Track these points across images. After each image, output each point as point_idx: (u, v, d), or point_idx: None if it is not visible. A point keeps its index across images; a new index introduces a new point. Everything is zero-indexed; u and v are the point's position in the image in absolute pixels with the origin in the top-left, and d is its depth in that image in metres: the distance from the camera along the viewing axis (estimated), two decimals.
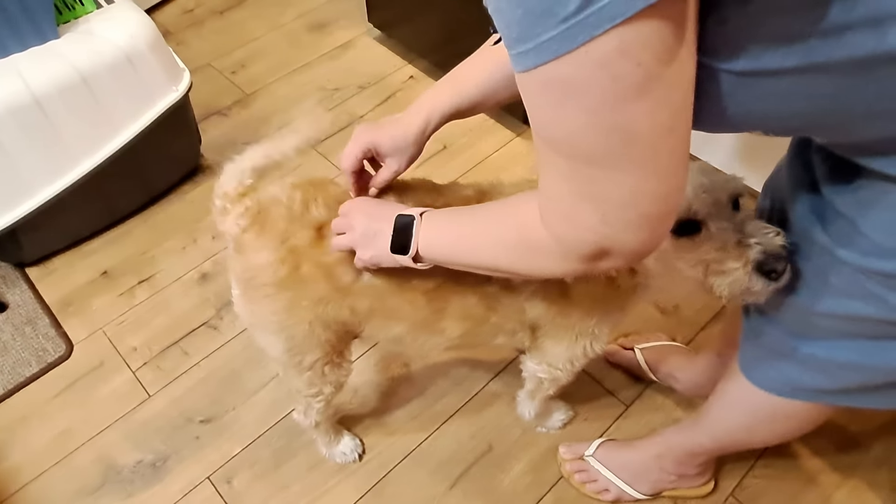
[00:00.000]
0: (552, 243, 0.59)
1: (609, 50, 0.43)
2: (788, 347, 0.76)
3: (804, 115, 0.53)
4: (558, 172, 0.54)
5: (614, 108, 0.46)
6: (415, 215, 0.76)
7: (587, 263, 0.58)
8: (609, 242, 0.55)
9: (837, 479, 1.25)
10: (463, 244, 0.73)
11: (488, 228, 0.70)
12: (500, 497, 1.25)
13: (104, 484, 1.30)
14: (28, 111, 1.39)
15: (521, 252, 0.65)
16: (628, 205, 0.52)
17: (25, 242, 1.59)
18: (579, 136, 0.49)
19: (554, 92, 0.48)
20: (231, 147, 1.85)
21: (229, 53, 2.13)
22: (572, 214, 0.55)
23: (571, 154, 0.51)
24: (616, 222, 0.54)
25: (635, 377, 1.38)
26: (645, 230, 0.54)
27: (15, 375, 1.46)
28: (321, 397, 1.11)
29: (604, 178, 0.51)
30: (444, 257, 0.76)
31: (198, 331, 1.51)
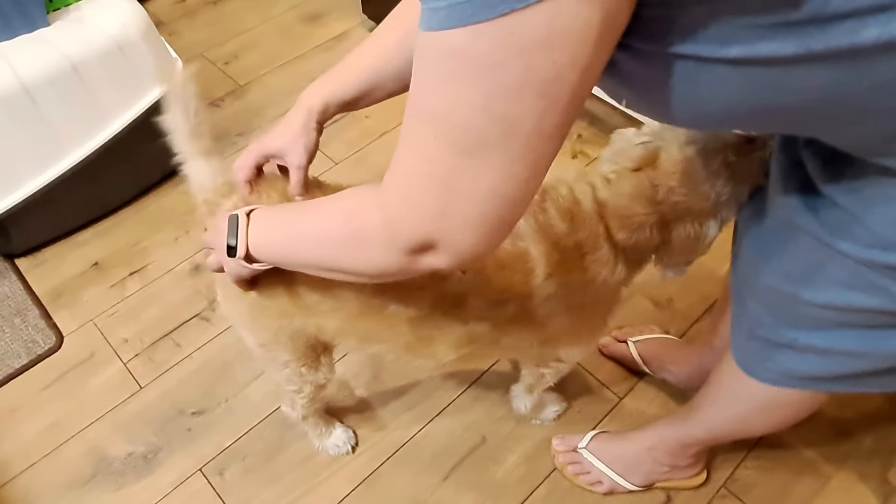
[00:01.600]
0: (378, 229, 0.56)
1: (532, 35, 0.41)
2: (787, 338, 0.76)
3: (794, 108, 0.50)
4: (420, 150, 0.50)
5: (512, 98, 0.44)
6: (240, 214, 0.72)
7: (409, 256, 0.55)
8: (440, 237, 0.53)
9: (829, 470, 1.26)
10: (289, 239, 0.69)
11: (315, 221, 0.66)
12: (493, 489, 1.25)
13: (95, 476, 1.29)
14: (17, 100, 1.37)
15: (344, 243, 0.61)
16: (477, 202, 0.50)
17: (14, 233, 1.57)
18: (462, 116, 0.46)
19: (454, 63, 0.44)
20: (224, 138, 1.86)
21: (222, 44, 2.11)
22: (415, 197, 0.52)
23: (444, 134, 0.48)
24: (457, 218, 0.51)
25: (629, 369, 1.38)
26: (481, 234, 0.52)
27: (4, 367, 1.45)
28: (302, 394, 1.10)
29: (466, 167, 0.48)
30: (274, 256, 0.71)
31: (190, 322, 1.50)
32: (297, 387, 1.06)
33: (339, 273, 0.64)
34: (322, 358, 1.02)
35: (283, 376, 1.04)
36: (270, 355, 0.99)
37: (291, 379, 1.04)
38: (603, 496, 1.22)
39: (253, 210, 0.73)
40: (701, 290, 1.48)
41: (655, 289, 1.48)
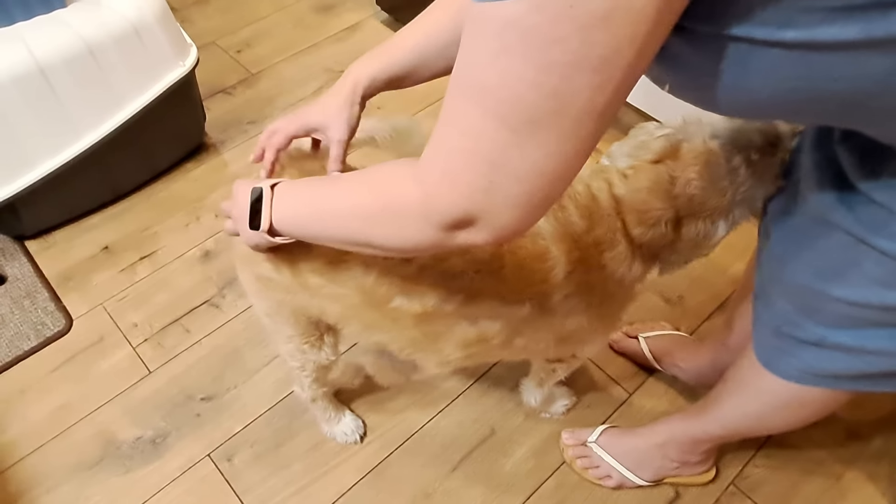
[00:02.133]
0: (415, 203, 0.55)
1: (594, 10, 0.40)
2: (815, 336, 0.75)
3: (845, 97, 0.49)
4: (465, 125, 0.49)
5: (566, 74, 0.43)
6: (265, 187, 0.71)
7: (446, 231, 0.54)
8: (480, 213, 0.52)
9: (838, 470, 1.26)
10: (317, 214, 0.68)
11: (346, 194, 0.65)
12: (501, 481, 1.25)
13: (103, 459, 1.29)
14: (32, 81, 1.37)
15: (377, 217, 0.60)
16: (522, 179, 0.49)
17: (25, 215, 1.57)
18: (513, 91, 0.45)
19: (509, 36, 0.43)
20: (235, 126, 1.86)
21: (235, 32, 2.11)
22: (458, 173, 0.51)
23: (493, 108, 0.47)
24: (500, 194, 0.50)
25: (639, 365, 1.38)
26: (523, 211, 0.51)
27: (13, 349, 1.45)
28: (306, 372, 1.11)
29: (513, 144, 0.47)
30: (299, 230, 0.71)
31: (199, 309, 1.50)
32: (300, 363, 1.06)
33: (368, 247, 0.64)
34: (325, 338, 1.02)
35: (286, 350, 1.05)
36: (275, 327, 1.00)
37: (294, 354, 1.04)
38: (612, 490, 1.22)
39: (277, 183, 0.72)
40: (712, 288, 1.48)
41: (666, 286, 1.48)
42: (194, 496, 1.25)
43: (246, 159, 1.80)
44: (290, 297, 0.90)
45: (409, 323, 0.85)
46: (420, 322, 0.85)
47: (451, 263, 0.80)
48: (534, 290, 0.83)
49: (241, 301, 1.50)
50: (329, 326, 1.00)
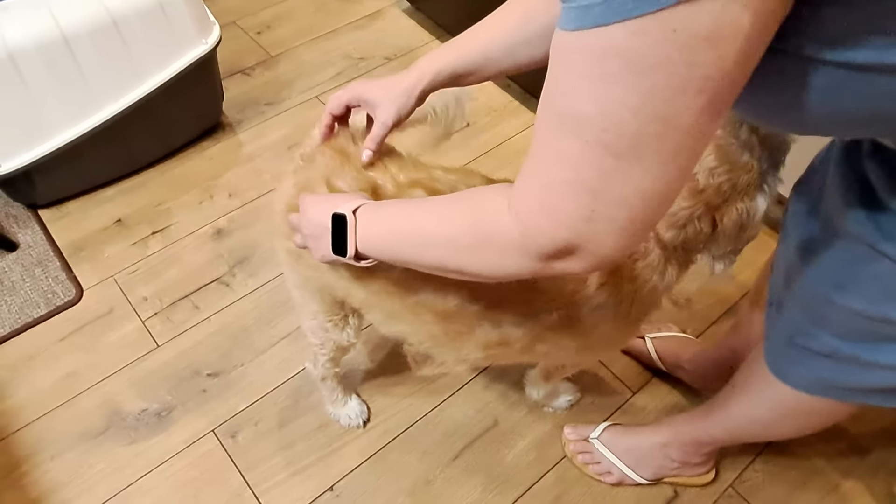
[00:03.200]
0: (513, 235, 0.54)
1: (698, 31, 0.39)
2: (829, 347, 0.75)
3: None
4: (561, 155, 0.48)
5: (670, 98, 0.42)
6: (347, 213, 0.70)
7: (544, 262, 0.54)
8: (582, 242, 0.51)
9: (835, 480, 1.27)
10: (406, 241, 0.67)
11: (437, 221, 0.64)
12: (502, 472, 1.26)
13: (108, 429, 1.30)
14: (55, 49, 1.38)
15: (473, 246, 0.59)
16: (625, 205, 0.48)
17: (40, 184, 1.58)
18: (615, 119, 0.44)
19: (609, 63, 0.42)
20: (252, 107, 1.87)
21: (255, 13, 2.11)
22: (556, 205, 0.50)
23: (592, 137, 0.46)
24: (603, 222, 0.49)
25: (644, 365, 1.38)
26: (626, 236, 0.50)
27: (22, 315, 1.45)
28: (325, 351, 1.12)
29: (615, 171, 0.46)
30: (386, 255, 0.70)
31: (210, 286, 1.51)
32: (321, 341, 1.07)
33: (458, 274, 0.64)
34: (349, 319, 1.03)
35: (309, 326, 1.05)
36: (303, 300, 1.01)
37: (316, 332, 1.05)
38: (611, 487, 1.23)
39: (360, 207, 0.71)
40: (719, 293, 1.49)
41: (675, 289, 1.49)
42: (197, 470, 1.26)
43: (261, 140, 1.83)
44: (317, 275, 0.91)
45: (431, 319, 0.85)
46: (441, 319, 0.85)
47: None
48: (564, 301, 0.83)
49: (251, 280, 1.51)
50: (354, 309, 1.01)
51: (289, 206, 0.87)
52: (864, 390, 0.78)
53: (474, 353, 0.91)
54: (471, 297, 0.82)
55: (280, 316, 1.45)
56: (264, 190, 1.67)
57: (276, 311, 1.46)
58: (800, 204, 0.81)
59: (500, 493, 1.24)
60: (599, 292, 0.83)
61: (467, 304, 0.82)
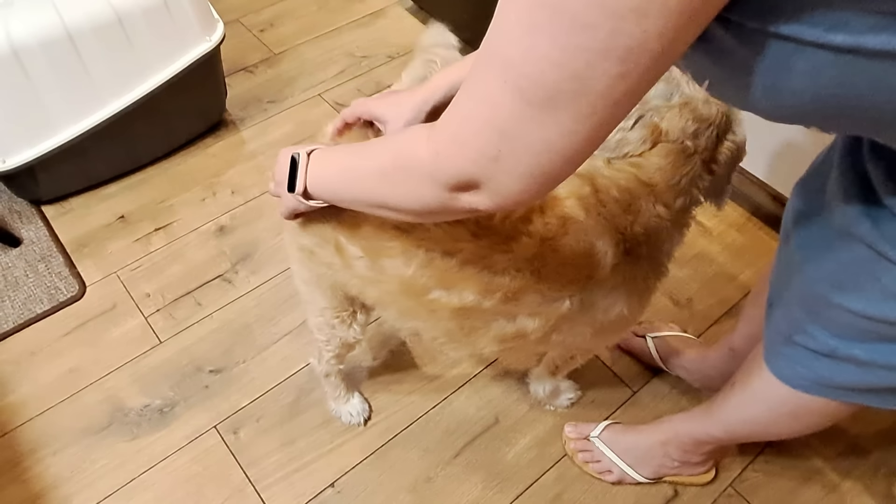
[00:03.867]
0: (425, 163, 0.57)
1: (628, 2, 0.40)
2: (827, 347, 0.76)
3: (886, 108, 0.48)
4: (484, 93, 0.50)
5: (591, 60, 0.44)
6: (301, 153, 0.74)
7: (451, 192, 0.56)
8: (485, 179, 0.53)
9: (835, 480, 1.27)
10: (344, 176, 0.71)
11: (370, 156, 0.68)
12: (502, 469, 1.27)
13: (111, 424, 1.31)
14: (60, 46, 1.38)
15: (391, 177, 0.63)
16: (531, 153, 0.50)
17: (43, 180, 1.58)
18: (536, 68, 0.46)
19: (542, 14, 0.44)
20: (255, 104, 1.87)
21: (258, 11, 2.12)
22: (469, 138, 0.52)
23: (513, 81, 0.48)
24: (507, 164, 0.51)
25: (644, 364, 1.39)
26: (527, 184, 0.52)
27: (25, 311, 1.46)
28: (330, 347, 1.12)
29: (528, 118, 0.48)
30: (329, 193, 0.74)
31: (212, 283, 1.51)
32: (327, 338, 1.07)
33: (385, 209, 0.66)
34: (357, 315, 1.03)
35: (316, 323, 1.06)
36: (310, 296, 1.01)
37: (323, 328, 1.05)
38: (611, 485, 1.24)
39: (314, 150, 0.75)
40: (720, 293, 1.49)
41: (676, 288, 1.50)
42: (199, 465, 1.26)
43: (264, 137, 1.83)
44: (330, 272, 0.91)
45: (446, 315, 0.86)
46: (457, 316, 0.86)
47: (492, 260, 0.80)
48: (577, 287, 0.84)
49: (253, 277, 1.52)
50: (363, 305, 1.01)
51: None
52: (863, 390, 0.78)
53: (490, 347, 0.91)
54: (485, 293, 0.82)
55: (282, 313, 1.46)
56: (267, 187, 1.67)
57: (279, 308, 1.47)
58: (801, 203, 0.82)
59: (500, 491, 1.24)
60: (613, 275, 0.84)
61: (481, 299, 0.83)
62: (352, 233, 0.83)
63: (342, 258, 0.86)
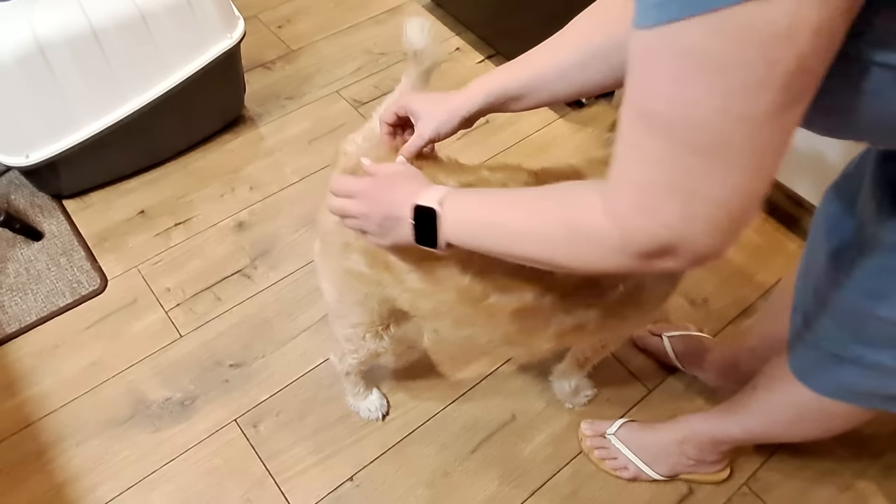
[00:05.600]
0: (611, 234, 0.54)
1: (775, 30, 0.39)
2: (853, 353, 0.76)
3: None
4: (650, 156, 0.49)
5: (753, 96, 0.42)
6: (435, 207, 0.69)
7: (642, 261, 0.54)
8: (680, 241, 0.51)
9: (847, 481, 1.28)
10: (496, 233, 0.67)
11: (529, 218, 0.64)
12: (519, 465, 1.28)
13: (133, 416, 1.33)
14: (84, 42, 1.39)
15: (567, 244, 0.59)
16: (721, 203, 0.48)
17: (65, 175, 1.60)
18: (700, 119, 0.44)
19: (688, 62, 0.42)
20: (273, 101, 1.88)
21: (276, 8, 2.13)
22: (652, 205, 0.50)
23: (679, 138, 0.46)
24: (699, 221, 0.49)
25: (661, 363, 1.40)
26: (724, 234, 0.50)
27: (48, 304, 1.48)
28: (356, 356, 1.13)
29: (707, 170, 0.46)
30: (476, 245, 0.70)
31: (231, 278, 1.53)
32: (356, 347, 1.08)
33: (550, 266, 0.64)
34: (391, 328, 1.03)
35: (344, 335, 1.06)
36: (343, 313, 1.01)
37: (352, 339, 1.06)
38: (626, 482, 1.25)
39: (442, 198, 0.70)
40: (737, 293, 1.50)
41: (692, 288, 1.50)
42: (220, 458, 1.28)
43: (282, 134, 1.84)
44: (379, 289, 0.90)
45: (506, 318, 0.85)
46: (517, 317, 0.85)
47: None
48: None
49: (272, 273, 1.53)
50: (398, 318, 1.01)
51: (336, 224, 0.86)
52: (887, 397, 0.79)
53: (547, 344, 0.91)
54: (543, 290, 0.81)
55: (301, 309, 1.47)
56: (285, 184, 1.69)
57: (297, 303, 1.48)
58: (833, 208, 0.82)
59: (517, 487, 1.26)
60: None
61: (541, 297, 0.82)
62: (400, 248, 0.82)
63: (392, 274, 0.86)
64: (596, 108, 1.88)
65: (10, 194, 1.66)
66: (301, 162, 1.74)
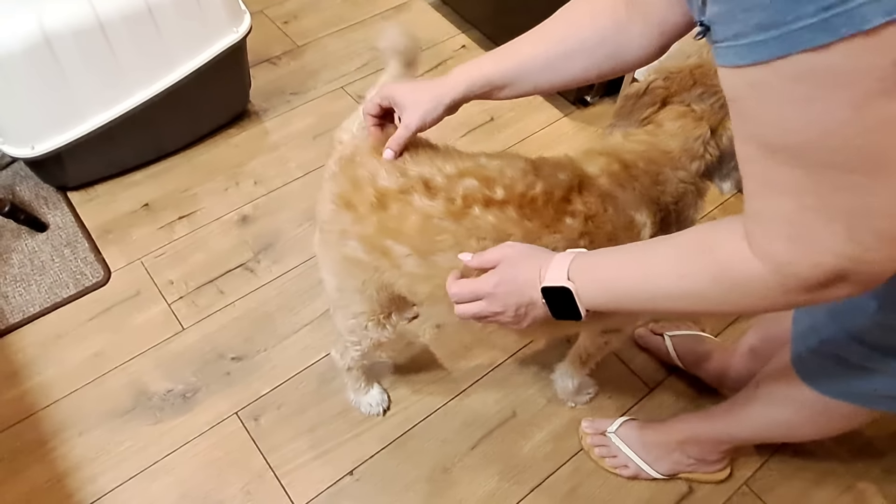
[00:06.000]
0: (767, 275, 0.51)
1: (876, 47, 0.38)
2: (859, 356, 0.76)
3: None
4: (788, 187, 0.47)
5: (883, 100, 0.40)
6: (567, 286, 0.67)
7: (811, 294, 0.51)
8: (851, 264, 0.47)
9: (848, 481, 1.28)
10: (643, 295, 0.64)
11: (671, 277, 0.61)
12: (519, 461, 1.28)
13: (134, 408, 1.33)
14: (91, 35, 1.40)
15: (721, 293, 0.57)
16: (886, 215, 0.45)
17: (70, 166, 1.61)
18: (836, 135, 0.42)
19: (806, 85, 0.41)
20: (278, 96, 1.89)
21: (283, 3, 2.13)
22: (805, 235, 0.48)
23: (819, 160, 0.44)
24: (866, 237, 0.46)
25: (662, 362, 1.40)
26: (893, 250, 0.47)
27: (52, 295, 1.49)
28: (358, 348, 1.13)
29: (858, 185, 0.44)
30: (618, 308, 0.68)
31: (234, 272, 1.53)
32: (359, 338, 1.08)
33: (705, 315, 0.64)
34: (392, 317, 1.04)
35: (347, 326, 1.06)
36: (344, 303, 1.02)
37: (355, 331, 1.06)
38: (626, 480, 1.25)
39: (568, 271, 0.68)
40: None
41: None
42: (220, 451, 1.28)
43: (287, 129, 1.85)
44: (377, 275, 0.91)
45: None
46: None
47: (543, 242, 0.81)
48: None
49: (275, 267, 1.53)
50: (399, 306, 1.02)
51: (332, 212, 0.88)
52: (892, 398, 0.79)
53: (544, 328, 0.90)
54: None
55: (303, 303, 1.48)
56: (289, 178, 1.69)
57: (300, 297, 1.49)
58: None
59: (516, 483, 1.26)
60: None
61: None
62: (396, 234, 0.83)
63: (389, 259, 0.87)
64: (600, 107, 1.88)
65: (15, 185, 1.67)
66: (305, 157, 1.74)
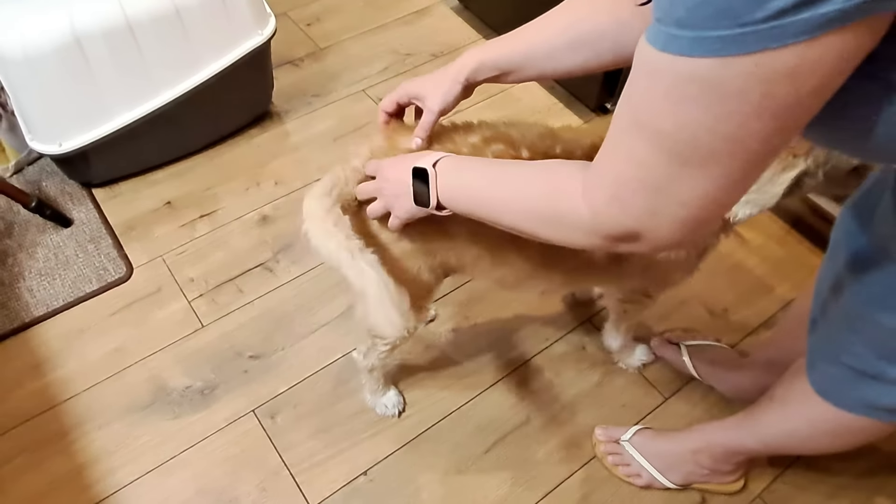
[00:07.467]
0: (585, 217, 0.61)
1: (779, 68, 0.41)
2: (875, 369, 0.76)
3: None
4: (633, 157, 0.53)
5: (744, 122, 0.45)
6: (427, 167, 0.77)
7: (610, 242, 0.61)
8: (645, 231, 0.57)
9: (864, 496, 1.27)
10: (486, 200, 0.74)
11: (517, 188, 0.70)
12: (532, 467, 1.29)
13: (153, 403, 1.35)
14: (120, 35, 1.43)
15: (547, 219, 0.66)
16: (688, 205, 0.53)
17: (96, 164, 1.63)
18: (689, 135, 0.48)
19: (690, 87, 0.45)
20: (300, 97, 1.91)
21: (306, 5, 2.15)
22: (626, 198, 0.56)
23: (665, 147, 0.50)
24: (665, 217, 0.55)
25: (677, 372, 1.40)
26: (686, 230, 0.55)
27: (75, 290, 1.51)
28: (388, 342, 1.13)
29: (684, 176, 0.51)
30: (465, 209, 0.77)
31: (254, 271, 1.55)
32: None
33: (530, 235, 0.71)
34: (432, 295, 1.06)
35: None
36: None
37: None
38: (639, 489, 1.25)
39: (437, 161, 0.77)
40: (757, 304, 1.49)
41: (712, 298, 1.50)
42: (237, 448, 1.30)
43: (308, 130, 1.87)
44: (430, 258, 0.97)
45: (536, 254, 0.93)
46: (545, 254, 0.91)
47: None
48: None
49: (294, 267, 1.55)
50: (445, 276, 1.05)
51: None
52: None
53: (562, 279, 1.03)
54: None
55: (321, 304, 1.49)
56: (310, 180, 1.71)
57: (318, 298, 1.50)
58: (852, 223, 0.82)
59: (529, 488, 1.26)
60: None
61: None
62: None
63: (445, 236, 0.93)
64: None
65: (41, 181, 1.70)
66: (326, 159, 1.76)
